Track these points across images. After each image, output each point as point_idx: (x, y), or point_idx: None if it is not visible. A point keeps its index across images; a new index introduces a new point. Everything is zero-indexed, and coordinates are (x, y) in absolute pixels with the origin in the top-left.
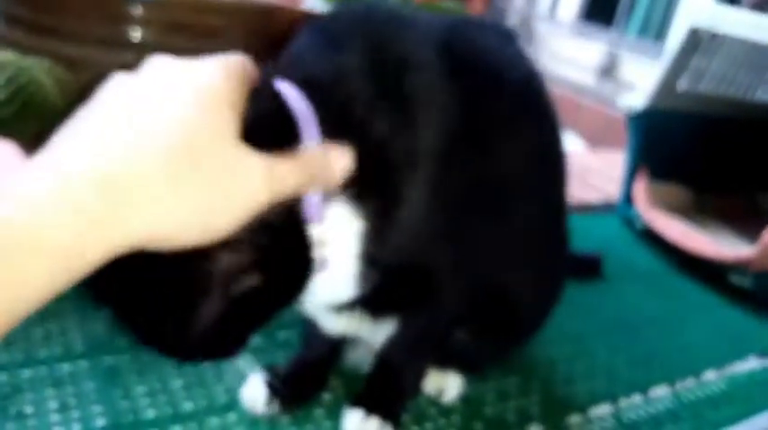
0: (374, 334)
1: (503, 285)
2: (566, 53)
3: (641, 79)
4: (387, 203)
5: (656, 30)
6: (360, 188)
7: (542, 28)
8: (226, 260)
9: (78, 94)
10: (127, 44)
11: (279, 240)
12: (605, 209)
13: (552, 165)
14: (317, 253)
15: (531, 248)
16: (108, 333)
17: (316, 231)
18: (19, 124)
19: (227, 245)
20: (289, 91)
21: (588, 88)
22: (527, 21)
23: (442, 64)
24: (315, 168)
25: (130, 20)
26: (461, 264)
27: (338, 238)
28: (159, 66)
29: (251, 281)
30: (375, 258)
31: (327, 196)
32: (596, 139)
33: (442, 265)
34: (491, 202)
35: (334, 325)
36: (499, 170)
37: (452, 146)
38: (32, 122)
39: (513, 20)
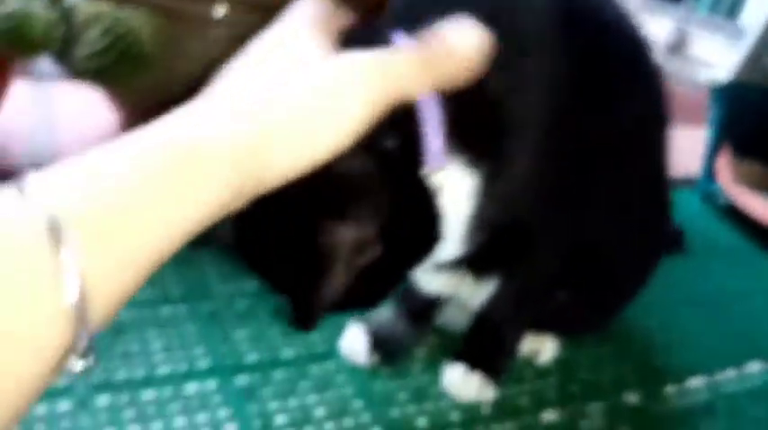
0: (472, 294)
1: (602, 247)
2: None
3: (712, 57)
4: (498, 162)
5: (727, 7)
6: (473, 143)
7: None
8: (347, 234)
9: None
10: None
11: (401, 202)
12: (685, 184)
13: (658, 129)
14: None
15: (632, 212)
16: (204, 280)
17: (436, 179)
18: (116, 73)
19: (346, 218)
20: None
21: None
22: None
23: (557, 20)
24: (439, 58)
25: None
26: (563, 223)
27: (451, 196)
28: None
29: (374, 251)
30: (484, 217)
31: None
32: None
33: (546, 223)
34: (599, 162)
35: (433, 284)
36: (609, 130)
37: (564, 105)
38: (129, 71)
39: None
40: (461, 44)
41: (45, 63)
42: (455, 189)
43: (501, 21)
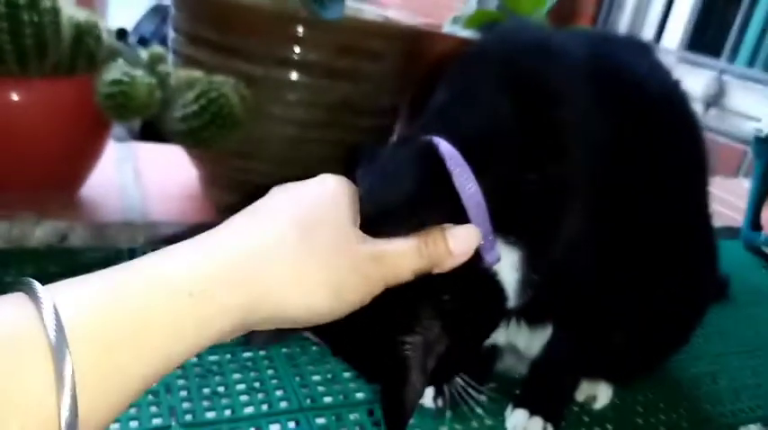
0: (529, 343)
1: (654, 293)
2: None
3: (751, 108)
4: (544, 231)
5: (765, 61)
6: (517, 227)
7: None
8: (416, 342)
9: None
10: (298, 64)
11: (466, 298)
12: (727, 233)
13: (701, 179)
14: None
15: (681, 260)
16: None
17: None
18: (207, 134)
19: (410, 325)
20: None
21: None
22: None
23: (588, 92)
24: (433, 251)
25: (303, 41)
26: (616, 276)
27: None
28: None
29: (441, 347)
30: (532, 278)
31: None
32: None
33: (597, 278)
34: (645, 218)
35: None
36: (653, 181)
37: (605, 170)
38: (220, 132)
39: None
40: (455, 242)
41: (116, 128)
42: (503, 264)
43: (535, 107)
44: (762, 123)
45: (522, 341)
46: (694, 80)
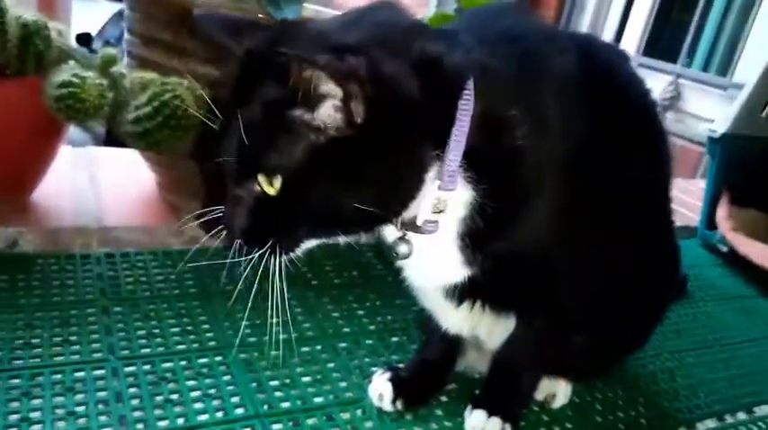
0: (491, 335)
1: (617, 293)
2: None
3: (706, 112)
4: (511, 196)
5: (718, 65)
6: (480, 167)
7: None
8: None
9: None
10: None
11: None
12: (684, 232)
13: (665, 183)
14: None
15: (644, 261)
16: (236, 330)
17: (443, 195)
18: (161, 136)
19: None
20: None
21: None
22: None
23: (580, 79)
24: None
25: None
26: (578, 268)
27: (451, 205)
28: None
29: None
30: (480, 238)
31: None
32: None
33: (557, 266)
34: (612, 212)
35: (454, 319)
36: (621, 183)
37: (581, 155)
38: (173, 134)
39: None
40: None
41: (74, 130)
42: (455, 198)
43: (530, 82)
44: (715, 124)
45: (485, 330)
46: (652, 84)
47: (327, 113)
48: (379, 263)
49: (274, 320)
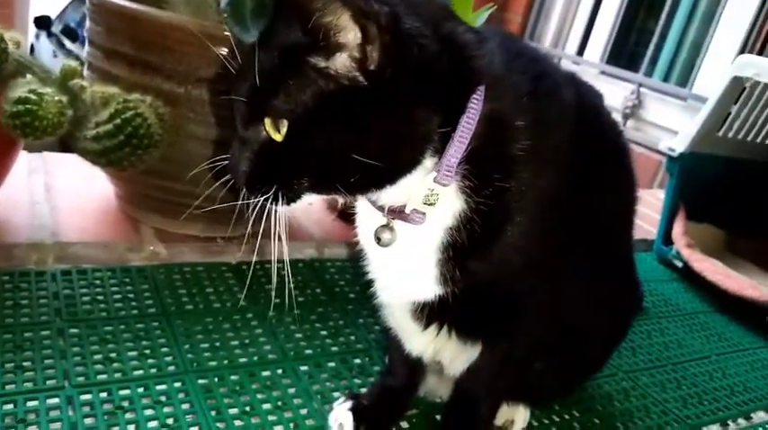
0: (454, 361)
1: (580, 320)
2: None
3: (666, 121)
4: (499, 212)
5: (679, 76)
6: (476, 177)
7: (571, 68)
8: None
9: None
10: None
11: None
12: (642, 245)
13: (631, 216)
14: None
15: (608, 291)
16: (196, 352)
17: (437, 188)
18: (122, 154)
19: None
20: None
21: None
22: (556, 61)
23: (577, 112)
24: None
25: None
26: (546, 297)
27: (438, 210)
28: None
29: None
30: (460, 256)
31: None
32: None
33: (529, 294)
34: (582, 242)
35: (418, 342)
36: (596, 218)
37: (567, 184)
38: (134, 153)
39: None
40: None
41: None
42: (444, 206)
43: (540, 101)
44: (673, 142)
45: (448, 356)
46: (614, 92)
47: (342, 62)
48: (342, 279)
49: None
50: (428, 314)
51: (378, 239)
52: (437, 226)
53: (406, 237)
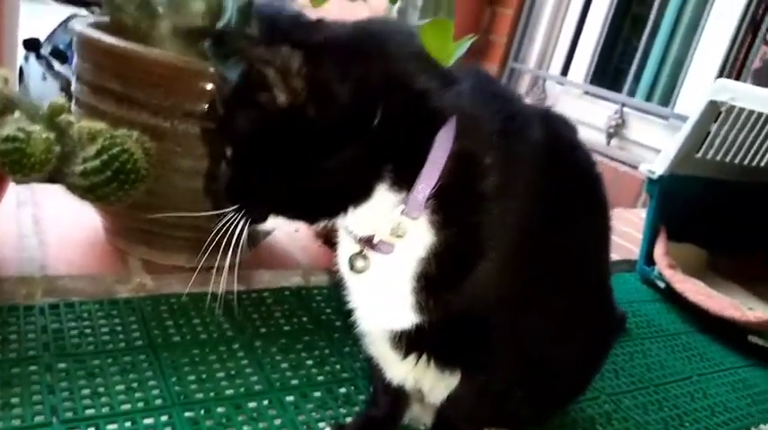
0: (434, 389)
1: (555, 352)
2: (576, 113)
3: (648, 140)
4: (470, 247)
5: (661, 95)
6: (447, 212)
7: (555, 89)
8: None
9: None
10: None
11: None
12: (625, 266)
13: (605, 245)
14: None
15: (583, 320)
16: (183, 385)
17: (404, 221)
18: (109, 190)
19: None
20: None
21: (598, 146)
22: (540, 81)
23: (548, 149)
24: None
25: (209, 95)
26: (521, 328)
27: (409, 243)
28: None
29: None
30: (434, 285)
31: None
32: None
33: (503, 326)
34: (561, 274)
35: (398, 371)
36: (569, 250)
37: (537, 222)
38: (121, 188)
39: (526, 80)
40: None
41: None
42: (414, 238)
43: (509, 139)
44: (653, 165)
45: (428, 384)
46: (598, 111)
47: (264, 98)
48: (328, 306)
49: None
50: (406, 343)
51: (351, 266)
52: (409, 256)
53: (380, 265)
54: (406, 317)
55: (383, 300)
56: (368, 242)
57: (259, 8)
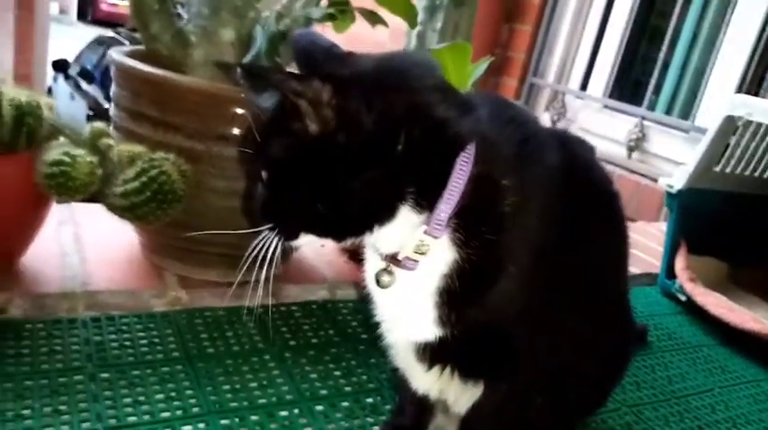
0: (458, 400)
1: (575, 364)
2: (596, 127)
3: (669, 153)
4: (490, 264)
5: (681, 108)
6: (469, 231)
7: (575, 103)
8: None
9: None
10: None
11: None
12: (646, 279)
13: (623, 260)
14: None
15: (604, 334)
16: (218, 394)
17: (427, 240)
18: (148, 209)
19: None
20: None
21: (618, 159)
22: (559, 96)
23: (565, 170)
24: None
25: (240, 119)
26: (541, 342)
27: (432, 259)
28: None
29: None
30: (456, 300)
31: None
32: (627, 208)
33: (524, 339)
34: (577, 292)
35: (423, 381)
36: (585, 266)
37: (555, 240)
38: (159, 208)
39: (546, 95)
40: None
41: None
42: (437, 255)
43: (525, 161)
44: (672, 179)
45: (452, 395)
46: (618, 125)
47: (297, 127)
48: (354, 319)
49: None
50: (430, 355)
51: (377, 281)
52: (432, 272)
53: (405, 280)
54: (430, 330)
55: (408, 314)
56: (393, 259)
57: (295, 38)
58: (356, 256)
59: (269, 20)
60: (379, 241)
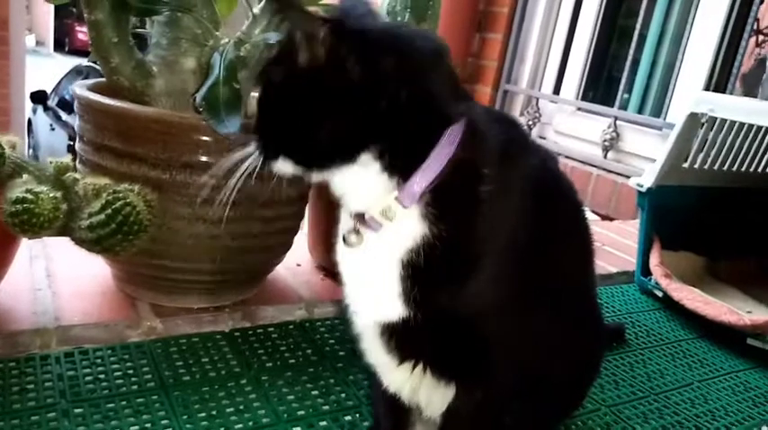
0: (430, 401)
1: (548, 364)
2: (571, 129)
3: (643, 150)
4: (456, 247)
5: (653, 106)
6: (443, 207)
7: (549, 107)
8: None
9: None
10: (203, 166)
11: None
12: (624, 277)
13: (589, 261)
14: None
15: (575, 334)
16: (193, 423)
17: (395, 206)
18: (114, 241)
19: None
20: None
21: (595, 160)
22: (533, 101)
23: (538, 175)
24: None
25: (205, 146)
26: (511, 336)
27: (401, 228)
28: None
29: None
30: (423, 279)
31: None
32: (606, 207)
33: (499, 338)
34: (545, 287)
35: (395, 378)
36: (556, 261)
37: (527, 234)
38: (125, 239)
39: (520, 100)
40: None
41: None
42: (406, 224)
43: (509, 157)
44: (642, 178)
45: (424, 395)
46: (592, 126)
47: (290, 53)
48: (332, 337)
49: None
50: (397, 343)
51: (344, 240)
52: (399, 241)
53: (372, 246)
54: (394, 307)
55: (372, 285)
56: (360, 218)
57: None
58: (333, 274)
59: (228, 46)
60: (348, 194)
